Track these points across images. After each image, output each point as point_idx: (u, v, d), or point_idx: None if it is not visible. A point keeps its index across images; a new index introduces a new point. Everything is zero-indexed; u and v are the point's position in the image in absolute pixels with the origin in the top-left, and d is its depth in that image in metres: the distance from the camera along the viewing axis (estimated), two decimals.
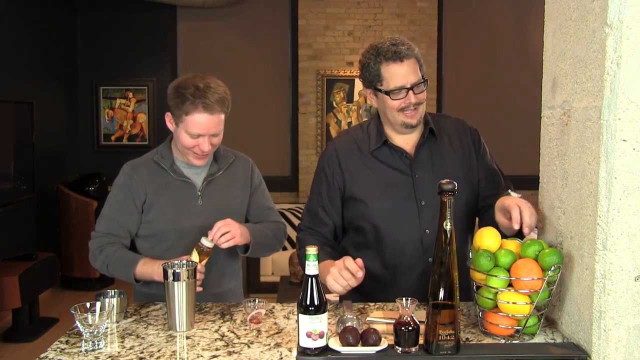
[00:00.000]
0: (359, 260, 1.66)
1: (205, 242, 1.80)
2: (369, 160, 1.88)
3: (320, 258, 1.78)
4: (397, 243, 1.85)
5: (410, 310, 1.39)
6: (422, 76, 1.81)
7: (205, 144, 1.86)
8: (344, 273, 1.64)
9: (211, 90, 1.83)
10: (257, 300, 1.70)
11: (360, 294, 1.88)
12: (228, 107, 1.89)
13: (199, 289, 1.72)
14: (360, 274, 1.64)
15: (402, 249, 1.85)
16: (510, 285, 1.50)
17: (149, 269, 1.83)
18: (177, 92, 1.85)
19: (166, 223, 1.94)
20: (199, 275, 1.73)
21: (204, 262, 1.79)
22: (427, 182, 1.83)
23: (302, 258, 1.87)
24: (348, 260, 1.65)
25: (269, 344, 1.50)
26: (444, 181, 1.38)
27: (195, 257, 1.78)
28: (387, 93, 1.79)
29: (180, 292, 1.60)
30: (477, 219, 1.99)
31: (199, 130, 1.84)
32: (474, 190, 1.90)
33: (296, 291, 1.44)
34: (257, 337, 1.56)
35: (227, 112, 1.89)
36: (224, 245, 1.79)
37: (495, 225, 1.66)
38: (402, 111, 1.80)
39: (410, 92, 1.77)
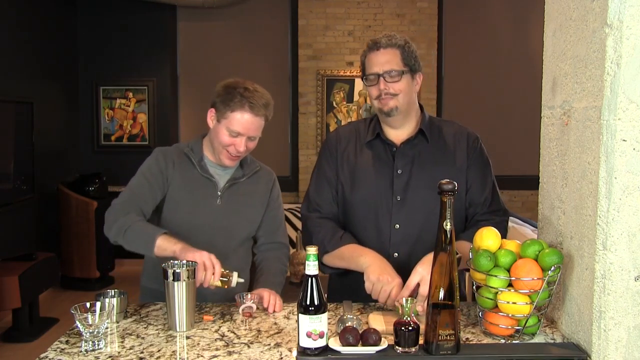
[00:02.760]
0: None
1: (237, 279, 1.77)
2: (361, 150, 1.94)
3: (344, 241, 1.86)
4: (366, 234, 1.87)
5: (410, 310, 1.39)
6: (407, 68, 1.83)
7: (241, 144, 1.91)
8: (383, 290, 1.68)
9: (259, 94, 1.92)
10: (248, 295, 1.76)
11: (332, 291, 1.96)
12: (270, 114, 1.96)
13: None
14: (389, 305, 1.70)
15: (369, 241, 1.87)
16: (510, 285, 1.50)
17: (170, 243, 1.76)
18: (227, 89, 1.92)
19: (181, 216, 1.95)
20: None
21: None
22: (406, 179, 1.86)
23: (310, 242, 1.92)
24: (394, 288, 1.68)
25: (269, 344, 1.50)
26: (443, 181, 1.39)
27: (218, 283, 1.73)
28: (364, 80, 1.88)
29: (180, 292, 1.60)
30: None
31: (239, 128, 1.89)
32: (457, 198, 1.85)
33: (296, 291, 1.44)
34: (257, 337, 1.56)
35: (268, 118, 1.96)
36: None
37: None
38: (378, 99, 1.85)
39: (381, 79, 1.82)
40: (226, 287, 1.74)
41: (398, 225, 1.85)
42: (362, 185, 1.90)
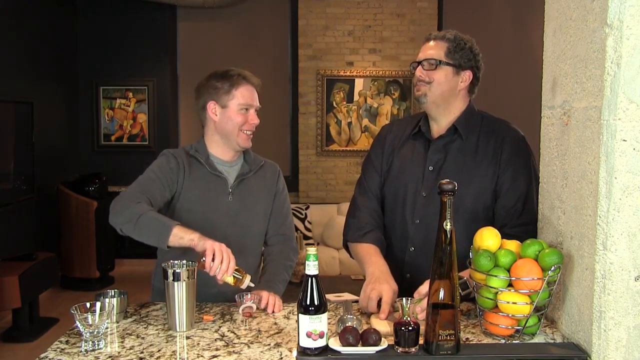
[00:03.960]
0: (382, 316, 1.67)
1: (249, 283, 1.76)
2: (405, 143, 1.98)
3: (365, 239, 1.90)
4: (391, 226, 1.95)
5: (411, 310, 1.39)
6: (450, 61, 1.85)
7: (254, 116, 2.01)
8: (370, 305, 1.69)
9: (249, 73, 2.04)
10: (248, 295, 1.75)
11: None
12: (259, 84, 2.07)
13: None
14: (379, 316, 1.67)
15: (393, 233, 1.94)
16: (510, 285, 1.50)
17: (187, 232, 1.72)
18: (220, 76, 2.01)
19: (196, 216, 1.96)
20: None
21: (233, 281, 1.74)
22: (435, 176, 1.87)
23: (349, 237, 1.99)
24: (380, 304, 1.68)
25: (269, 344, 1.50)
26: (443, 181, 1.39)
27: (229, 279, 1.71)
28: (410, 66, 1.95)
29: (180, 292, 1.60)
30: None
31: (249, 99, 2.00)
32: (482, 201, 1.84)
33: (296, 291, 1.44)
34: (257, 337, 1.56)
35: (258, 90, 2.06)
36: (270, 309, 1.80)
37: None
38: (416, 85, 1.91)
39: (419, 66, 1.88)
40: (236, 285, 1.72)
41: (418, 221, 1.88)
42: (397, 177, 1.94)
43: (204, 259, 1.66)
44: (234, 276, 1.70)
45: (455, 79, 1.87)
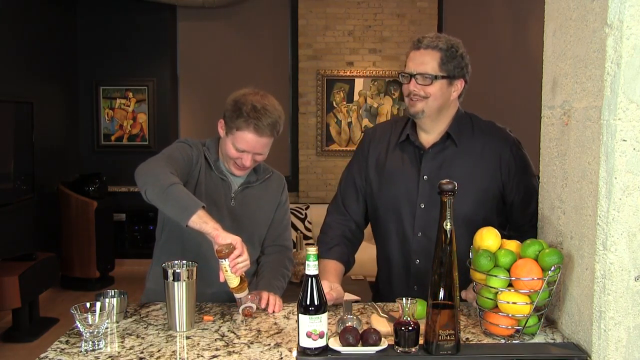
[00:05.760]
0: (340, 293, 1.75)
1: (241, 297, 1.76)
2: (393, 150, 1.93)
3: (328, 255, 1.89)
4: (389, 238, 1.90)
5: (411, 310, 1.39)
6: (444, 73, 1.79)
7: (248, 159, 1.91)
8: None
9: (267, 113, 1.87)
10: (248, 295, 1.74)
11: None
12: (279, 131, 1.94)
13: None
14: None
15: (393, 246, 1.90)
16: (510, 285, 1.50)
17: (211, 219, 1.68)
18: (235, 105, 1.89)
19: None
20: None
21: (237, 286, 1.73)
22: (430, 185, 1.82)
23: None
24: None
25: (269, 344, 1.50)
26: (443, 181, 1.39)
27: (236, 280, 1.70)
28: (400, 76, 1.84)
29: (180, 292, 1.60)
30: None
31: (245, 147, 1.89)
32: (484, 206, 1.83)
33: (296, 291, 1.44)
34: (257, 337, 1.56)
35: (276, 135, 1.94)
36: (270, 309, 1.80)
37: None
38: (408, 97, 1.83)
39: (413, 79, 1.80)
40: (235, 289, 1.71)
41: (420, 233, 1.84)
42: (388, 188, 1.90)
43: (221, 249, 1.64)
44: (240, 277, 1.69)
45: (449, 90, 1.83)
